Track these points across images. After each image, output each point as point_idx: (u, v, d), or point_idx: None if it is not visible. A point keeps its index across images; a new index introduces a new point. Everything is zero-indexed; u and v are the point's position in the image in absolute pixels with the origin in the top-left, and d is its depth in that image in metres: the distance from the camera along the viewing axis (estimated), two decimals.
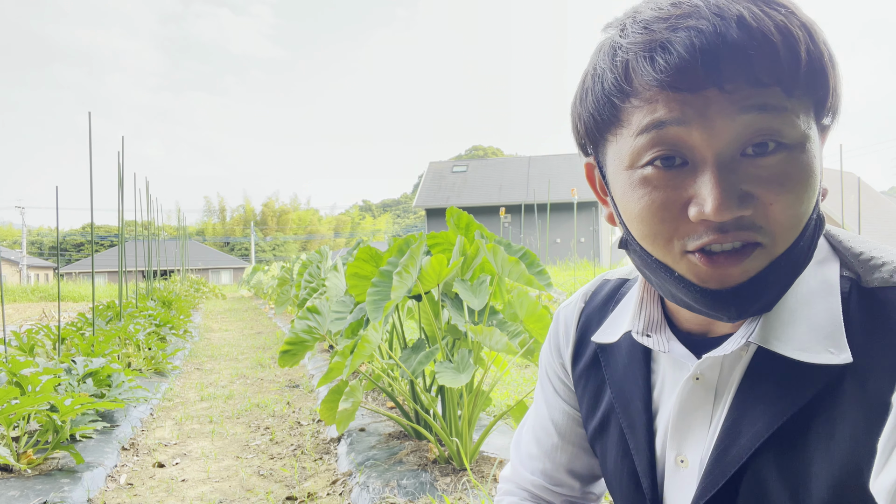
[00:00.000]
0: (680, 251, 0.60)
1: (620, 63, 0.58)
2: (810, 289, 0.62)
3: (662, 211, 0.59)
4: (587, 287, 0.89)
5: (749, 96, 0.54)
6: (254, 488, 2.76)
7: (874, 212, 19.03)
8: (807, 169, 0.56)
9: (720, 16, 0.54)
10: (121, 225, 6.77)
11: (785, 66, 0.54)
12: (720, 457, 0.64)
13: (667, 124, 0.56)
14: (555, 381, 0.90)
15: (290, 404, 4.42)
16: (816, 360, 0.58)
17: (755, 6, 0.54)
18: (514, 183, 28.13)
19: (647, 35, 0.56)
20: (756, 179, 0.56)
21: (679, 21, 0.55)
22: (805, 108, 0.56)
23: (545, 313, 2.47)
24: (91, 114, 5.22)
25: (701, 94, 0.55)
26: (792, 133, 0.55)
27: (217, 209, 67.69)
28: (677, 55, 0.54)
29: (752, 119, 0.55)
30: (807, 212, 0.58)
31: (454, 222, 2.87)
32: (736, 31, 0.53)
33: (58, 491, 2.50)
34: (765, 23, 0.53)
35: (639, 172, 0.60)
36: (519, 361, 5.02)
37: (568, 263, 13.26)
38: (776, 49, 0.53)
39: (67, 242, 55.87)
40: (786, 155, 0.56)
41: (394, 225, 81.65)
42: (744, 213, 0.56)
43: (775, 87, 0.54)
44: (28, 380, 2.88)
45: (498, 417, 2.56)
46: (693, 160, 0.57)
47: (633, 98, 0.58)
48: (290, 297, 7.47)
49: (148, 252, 10.06)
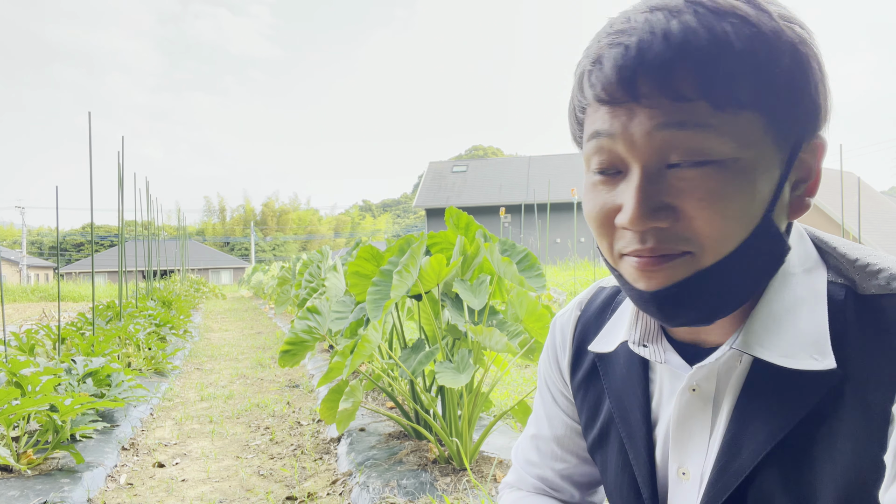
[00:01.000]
0: (618, 254, 0.63)
1: (578, 75, 0.62)
2: (797, 297, 0.62)
3: (601, 216, 0.62)
4: (583, 295, 0.88)
5: (668, 112, 0.55)
6: (254, 488, 2.76)
7: (874, 212, 19.02)
8: (734, 185, 0.55)
9: (651, 31, 0.55)
10: (121, 225, 6.77)
11: (714, 82, 0.53)
12: (723, 470, 0.63)
13: (601, 135, 0.59)
14: (553, 392, 0.89)
15: (290, 404, 4.42)
16: (800, 366, 0.58)
17: (694, 18, 0.54)
18: (514, 183, 28.13)
19: (596, 49, 0.59)
20: (678, 192, 0.56)
21: (617, 37, 0.57)
22: (747, 122, 0.55)
23: (545, 313, 2.47)
24: (91, 114, 5.22)
25: (625, 108, 0.57)
26: (718, 149, 0.55)
27: (217, 209, 67.72)
28: (604, 71, 0.57)
29: (670, 135, 0.55)
30: (736, 227, 0.57)
31: (454, 222, 2.87)
32: (659, 45, 0.54)
33: (58, 491, 2.50)
34: (696, 36, 0.53)
35: (591, 177, 0.63)
36: (519, 361, 5.02)
37: (568, 263, 13.25)
38: (704, 63, 0.53)
39: (67, 242, 55.86)
40: (710, 170, 0.55)
41: (394, 225, 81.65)
42: (660, 225, 0.57)
43: (701, 101, 0.54)
44: (28, 380, 2.88)
45: (498, 417, 2.56)
46: (624, 170, 0.60)
47: (587, 107, 0.62)
48: (290, 297, 7.47)
49: (148, 252, 10.06)
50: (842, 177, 5.92)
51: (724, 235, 0.57)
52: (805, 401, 0.59)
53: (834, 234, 0.71)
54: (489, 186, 28.39)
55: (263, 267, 19.45)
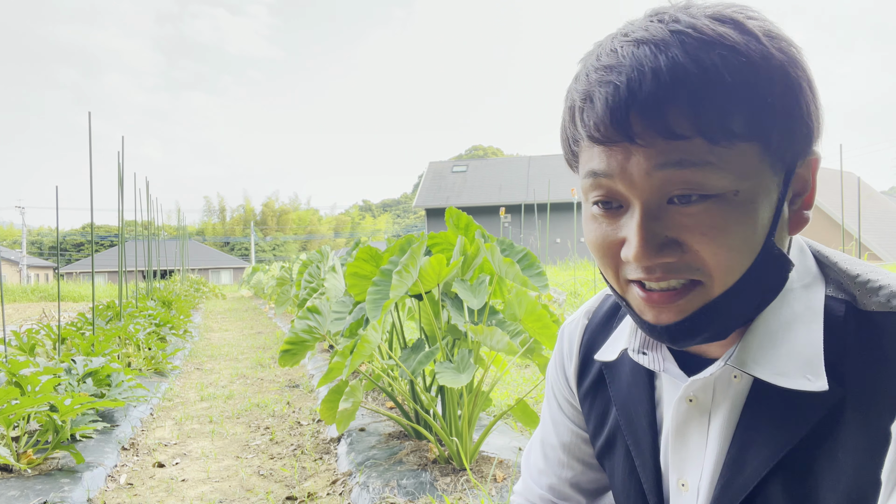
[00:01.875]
0: (625, 281, 0.63)
1: (569, 108, 0.61)
2: (794, 313, 0.62)
3: (604, 247, 0.62)
4: (590, 303, 0.88)
5: (665, 151, 0.54)
6: (254, 488, 2.76)
7: (874, 212, 19.02)
8: (735, 217, 0.55)
9: (640, 69, 0.53)
10: (121, 225, 6.77)
11: (708, 117, 0.53)
12: (727, 485, 0.63)
13: (598, 174, 0.59)
14: (560, 400, 0.90)
15: (290, 404, 4.42)
16: (793, 385, 0.58)
17: (683, 52, 0.53)
18: (514, 183, 28.12)
19: (586, 85, 0.58)
20: (681, 227, 0.57)
21: (605, 74, 0.56)
22: (743, 153, 0.55)
23: (545, 313, 2.46)
24: (91, 114, 5.22)
25: (620, 147, 0.56)
26: (717, 184, 0.54)
27: (217, 209, 67.72)
28: (596, 110, 0.56)
29: (669, 174, 0.55)
30: (742, 256, 0.57)
31: (453, 223, 2.87)
32: (650, 85, 0.53)
33: (58, 491, 2.50)
34: (686, 73, 0.52)
35: (589, 208, 0.64)
36: (519, 361, 5.02)
37: (568, 263, 13.25)
38: (697, 99, 0.52)
39: (67, 242, 55.86)
40: (710, 205, 0.55)
41: (394, 225, 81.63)
42: (666, 260, 0.57)
43: (697, 138, 0.53)
44: (28, 380, 2.88)
45: (498, 417, 2.56)
46: (626, 205, 0.59)
47: (580, 141, 0.61)
48: (289, 297, 7.47)
49: (148, 252, 10.06)
50: (842, 177, 5.92)
51: (730, 266, 0.57)
52: (807, 418, 0.59)
53: (834, 234, 0.71)
54: (489, 186, 28.39)
55: (263, 267, 19.45)
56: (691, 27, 0.54)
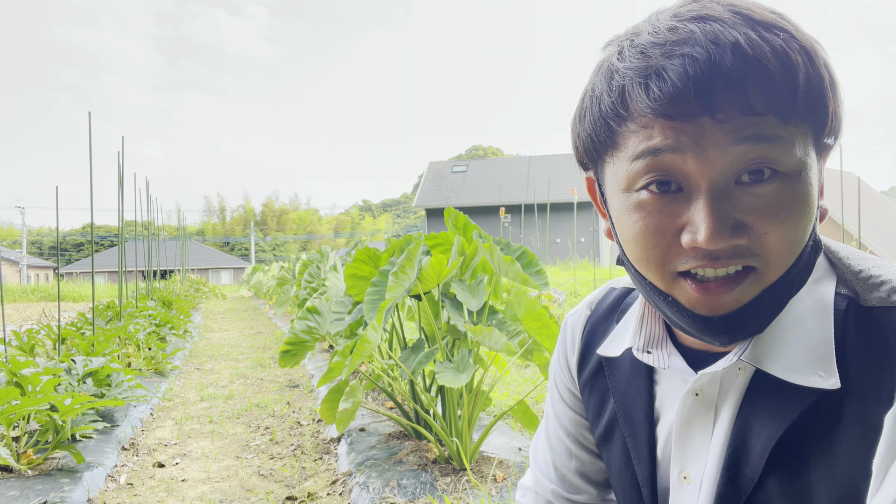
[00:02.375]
0: (671, 274, 0.60)
1: (617, 87, 0.58)
2: (805, 308, 0.62)
3: (656, 237, 0.59)
4: (594, 295, 0.89)
5: (743, 126, 0.54)
6: (254, 488, 2.76)
7: (874, 212, 19.02)
8: (802, 197, 0.56)
9: (715, 42, 0.53)
10: (121, 225, 6.77)
11: (781, 94, 0.53)
12: (733, 478, 0.63)
13: (662, 151, 0.56)
14: (562, 390, 0.91)
15: (290, 404, 4.42)
16: (805, 382, 0.58)
17: (752, 31, 0.53)
18: (514, 183, 28.12)
19: (643, 60, 0.56)
20: (750, 208, 0.56)
21: (674, 47, 0.54)
22: (802, 133, 0.56)
23: (544, 313, 2.46)
24: (91, 114, 5.22)
25: (695, 123, 0.54)
26: (787, 161, 0.55)
27: (217, 209, 67.72)
28: (671, 83, 0.54)
29: (745, 149, 0.54)
30: (802, 239, 0.58)
31: (452, 223, 2.87)
32: (730, 58, 0.52)
33: (58, 491, 2.50)
34: (761, 49, 0.53)
35: (634, 196, 0.60)
36: (519, 361, 5.01)
37: (568, 263, 13.25)
38: (772, 77, 0.53)
39: (67, 242, 55.86)
40: (781, 184, 0.55)
41: (394, 225, 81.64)
42: (737, 242, 0.56)
43: (770, 115, 0.54)
44: (28, 380, 2.88)
45: (498, 417, 2.56)
46: (688, 187, 0.57)
47: (630, 122, 0.58)
48: (289, 297, 7.47)
49: (148, 252, 10.05)
50: (842, 177, 5.91)
51: (792, 250, 0.57)
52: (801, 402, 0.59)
53: (834, 234, 0.71)
54: (489, 186, 28.38)
55: (263, 267, 19.45)
56: (748, 10, 0.55)
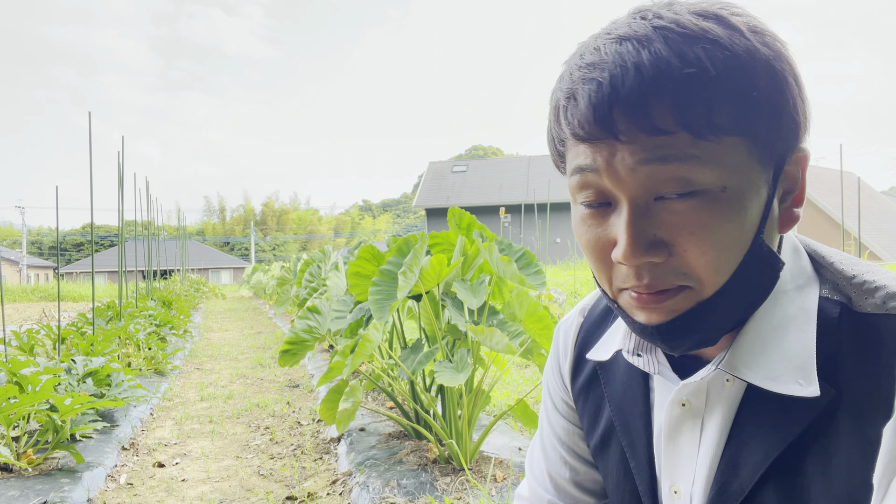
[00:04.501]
0: (617, 288, 0.62)
1: (554, 108, 0.61)
2: (786, 315, 0.61)
3: (596, 250, 0.61)
4: (586, 301, 0.88)
5: (648, 147, 0.53)
6: (254, 488, 2.76)
7: (874, 212, 19.02)
8: (724, 213, 0.55)
9: (622, 64, 0.53)
10: (121, 225, 6.77)
11: (692, 111, 0.52)
12: (722, 491, 0.63)
13: (585, 171, 0.58)
14: (555, 399, 0.89)
15: (290, 404, 4.42)
16: (784, 390, 0.58)
17: (665, 47, 0.53)
18: (514, 183, 28.13)
19: (570, 83, 0.57)
20: (669, 225, 0.56)
21: (588, 72, 0.55)
22: (730, 146, 0.54)
23: (545, 314, 2.46)
24: (90, 114, 5.22)
25: (605, 144, 0.55)
26: (703, 179, 0.54)
27: (217, 209, 67.74)
28: (580, 108, 0.55)
29: (653, 170, 0.54)
30: (730, 255, 0.56)
31: (455, 222, 2.87)
32: (632, 80, 0.52)
33: (58, 491, 2.50)
34: (669, 66, 0.52)
35: (578, 209, 0.63)
36: (519, 361, 5.02)
37: (568, 263, 13.25)
38: (679, 94, 0.52)
39: (67, 242, 55.86)
40: (698, 201, 0.54)
41: (394, 225, 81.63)
42: (654, 260, 0.56)
43: (681, 132, 0.53)
44: (28, 379, 2.88)
45: (498, 417, 2.56)
46: (614, 203, 0.59)
47: (566, 140, 0.60)
48: (290, 296, 7.46)
49: (148, 252, 10.06)
50: (842, 177, 5.91)
51: (718, 267, 0.56)
52: (800, 419, 0.58)
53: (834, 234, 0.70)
54: (489, 186, 28.39)
55: (263, 267, 19.44)
56: (674, 23, 0.54)
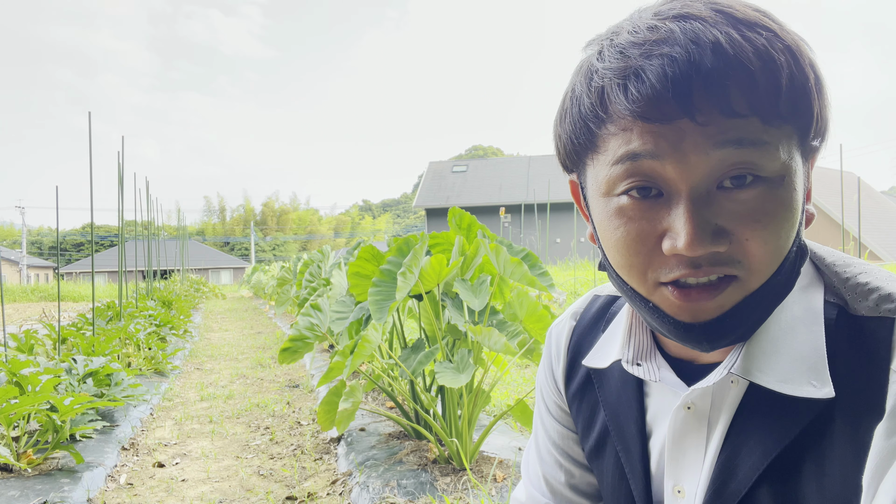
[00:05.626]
0: (654, 282, 0.59)
1: (596, 89, 0.56)
2: (794, 316, 0.60)
3: (637, 243, 0.58)
4: (577, 305, 0.87)
5: (724, 129, 0.52)
6: (254, 488, 2.76)
7: (874, 212, 19.01)
8: (785, 203, 0.55)
9: (696, 42, 0.51)
10: (121, 225, 6.77)
11: (763, 96, 0.52)
12: (718, 491, 0.63)
13: (641, 156, 0.55)
14: (549, 403, 0.89)
15: (290, 404, 4.42)
16: (798, 392, 0.57)
17: (734, 30, 0.52)
18: (514, 183, 28.12)
19: (622, 61, 0.54)
20: (732, 214, 0.54)
21: (653, 47, 0.52)
22: (786, 136, 0.54)
23: (545, 314, 2.46)
24: (90, 114, 5.22)
25: (674, 126, 0.53)
26: (770, 166, 0.53)
27: (217, 209, 67.73)
28: (649, 84, 0.52)
29: (727, 154, 0.53)
30: (785, 246, 0.56)
31: (456, 222, 2.87)
32: (711, 58, 0.51)
33: (58, 491, 2.50)
34: (743, 49, 0.51)
35: (615, 201, 0.59)
36: (519, 361, 5.02)
37: (568, 263, 13.26)
38: (754, 77, 0.51)
39: (67, 242, 55.86)
40: (763, 189, 0.54)
41: (394, 225, 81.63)
42: (718, 249, 0.55)
43: (753, 117, 0.52)
44: (28, 379, 2.88)
45: (498, 417, 2.56)
46: (668, 192, 0.56)
47: (609, 125, 0.56)
48: (289, 296, 7.47)
49: (148, 252, 10.06)
50: (842, 177, 5.92)
51: (775, 257, 0.56)
52: (796, 423, 0.58)
53: (834, 234, 0.70)
54: (489, 186, 28.39)
55: (263, 267, 19.44)
56: (731, 8, 0.54)
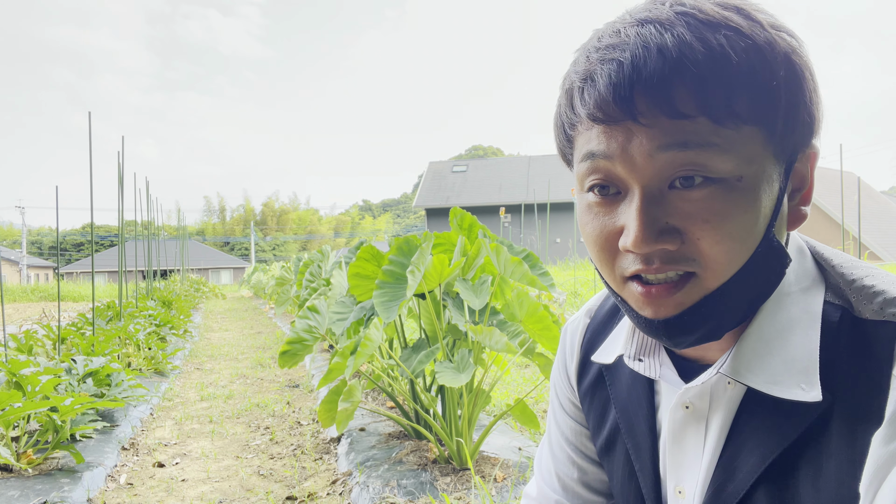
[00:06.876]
0: (621, 277, 0.61)
1: (567, 91, 0.60)
2: (791, 318, 0.60)
3: (601, 239, 0.60)
4: (592, 302, 0.88)
5: (669, 132, 0.53)
6: (254, 488, 2.76)
7: (874, 212, 19.02)
8: (740, 204, 0.54)
9: (645, 46, 0.53)
10: (121, 225, 6.77)
11: (713, 97, 0.52)
12: (718, 492, 0.63)
13: (597, 156, 0.57)
14: (562, 399, 0.89)
15: (290, 404, 4.42)
16: (786, 395, 0.57)
17: (689, 31, 0.52)
18: (514, 183, 28.13)
19: (586, 65, 0.57)
20: (682, 214, 0.55)
21: (608, 53, 0.55)
22: (747, 136, 0.54)
23: (545, 314, 2.46)
24: (90, 114, 5.22)
25: (622, 127, 0.55)
26: (721, 167, 0.53)
27: (217, 209, 67.73)
28: (598, 88, 0.55)
29: (672, 156, 0.53)
30: (744, 246, 0.56)
31: (458, 223, 2.87)
32: (655, 61, 0.52)
33: (58, 491, 2.50)
34: (692, 50, 0.52)
35: (585, 197, 0.61)
36: (519, 361, 5.02)
37: (568, 263, 13.26)
38: (702, 79, 0.52)
39: (67, 242, 55.85)
40: (714, 189, 0.54)
41: (394, 225, 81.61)
42: (666, 247, 0.56)
43: (701, 118, 0.52)
44: (28, 380, 2.88)
45: (498, 417, 2.56)
46: (624, 190, 0.58)
47: (578, 125, 0.59)
48: (290, 297, 7.46)
49: (148, 252, 10.06)
50: (842, 177, 5.92)
51: (730, 257, 0.56)
52: (795, 426, 0.58)
53: (834, 234, 0.70)
54: (489, 186, 28.39)
55: (263, 267, 19.44)
56: (696, 9, 0.54)
